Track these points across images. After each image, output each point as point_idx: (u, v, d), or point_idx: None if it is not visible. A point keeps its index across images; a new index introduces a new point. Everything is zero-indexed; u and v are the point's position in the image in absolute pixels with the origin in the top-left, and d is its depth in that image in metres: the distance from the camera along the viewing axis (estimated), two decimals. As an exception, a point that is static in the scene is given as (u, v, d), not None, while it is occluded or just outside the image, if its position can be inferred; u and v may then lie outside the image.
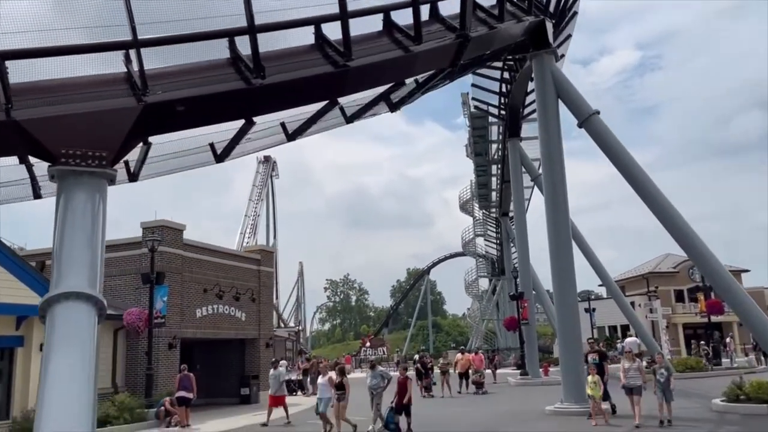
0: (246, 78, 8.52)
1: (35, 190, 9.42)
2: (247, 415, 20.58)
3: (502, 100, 33.33)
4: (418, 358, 30.16)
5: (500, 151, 40.72)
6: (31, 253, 23.74)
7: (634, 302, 45.87)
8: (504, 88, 31.80)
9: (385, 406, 14.50)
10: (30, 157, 8.41)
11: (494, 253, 62.68)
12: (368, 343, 59.82)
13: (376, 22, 10.91)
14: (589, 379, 15.39)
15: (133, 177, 10.03)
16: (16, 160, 8.56)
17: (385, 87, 11.34)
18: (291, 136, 11.08)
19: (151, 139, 9.16)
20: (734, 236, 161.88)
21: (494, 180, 46.73)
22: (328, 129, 12.10)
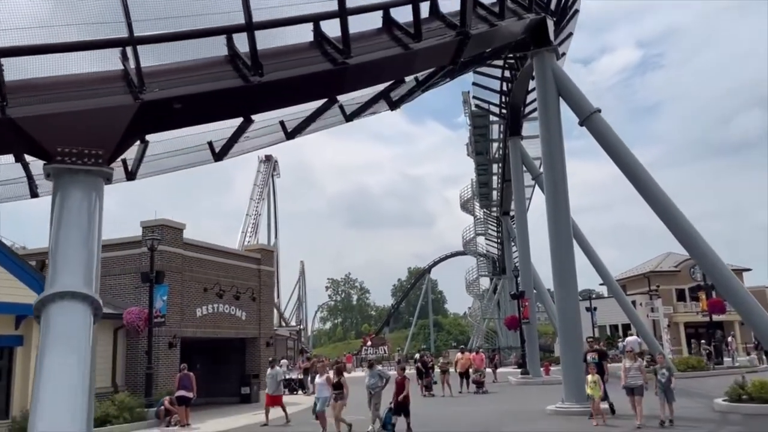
0: (244, 75, 8.46)
1: (32, 189, 9.37)
2: (247, 415, 20.53)
3: (503, 99, 33.24)
4: (418, 357, 30.09)
5: (501, 150, 40.63)
6: (32, 253, 23.70)
7: (635, 301, 45.77)
8: (505, 87, 31.69)
9: (384, 407, 14.43)
10: (26, 156, 8.34)
11: (495, 252, 62.59)
12: (369, 342, 59.68)
13: (376, 20, 10.84)
14: (589, 378, 15.26)
15: (131, 176, 10.00)
16: (12, 159, 8.49)
17: (385, 85, 11.27)
18: (290, 135, 11.05)
19: (148, 137, 9.11)
20: (735, 235, 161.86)
21: (495, 179, 46.66)
22: (328, 127, 12.07)
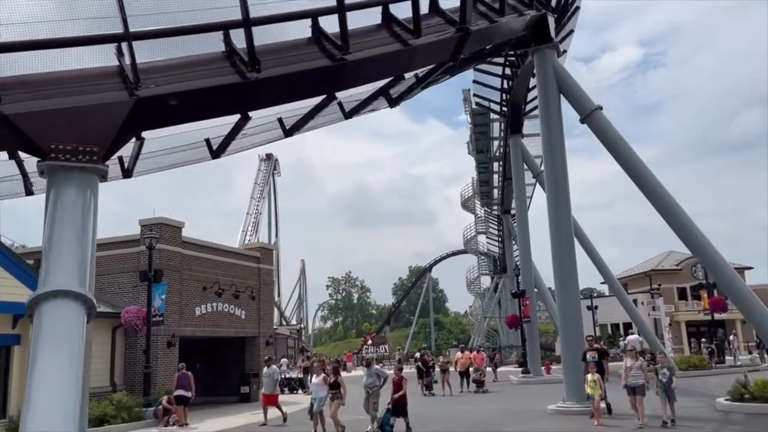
0: (241, 72, 8.34)
1: (27, 187, 9.27)
2: (246, 414, 20.42)
3: (504, 97, 33.10)
4: (419, 356, 29.99)
5: (502, 148, 40.51)
6: (31, 251, 23.60)
7: (636, 300, 45.70)
8: (505, 84, 31.55)
9: (383, 407, 14.31)
10: (20, 153, 8.24)
11: (496, 250, 62.46)
12: (370, 341, 59.66)
13: (375, 16, 10.73)
14: (589, 377, 15.10)
15: (127, 173, 9.88)
16: (6, 156, 8.38)
17: (384, 81, 11.16)
18: (288, 132, 10.92)
19: (144, 134, 8.97)
20: (736, 234, 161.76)
21: (496, 177, 46.57)
22: (327, 125, 11.95)
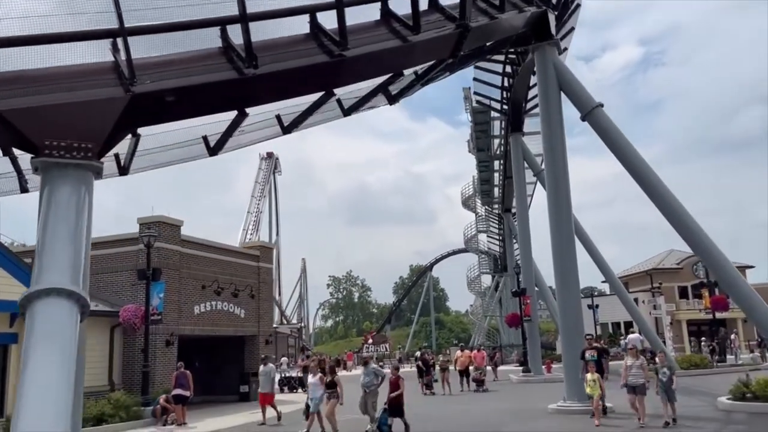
0: (238, 68, 8.25)
1: (22, 184, 9.17)
2: (245, 413, 20.33)
3: (505, 95, 32.97)
4: (419, 354, 29.93)
5: (502, 146, 40.41)
6: (30, 250, 23.48)
7: (637, 299, 45.55)
8: (506, 82, 31.44)
9: (380, 407, 14.19)
10: (14, 150, 8.15)
11: (497, 249, 62.37)
12: (371, 340, 59.55)
13: (374, 12, 10.64)
14: (588, 377, 14.97)
15: (124, 170, 9.76)
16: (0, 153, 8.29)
17: (384, 78, 11.04)
18: (286, 129, 10.82)
19: (141, 131, 8.90)
20: (737, 233, 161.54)
21: (497, 176, 46.48)
22: (325, 122, 11.83)
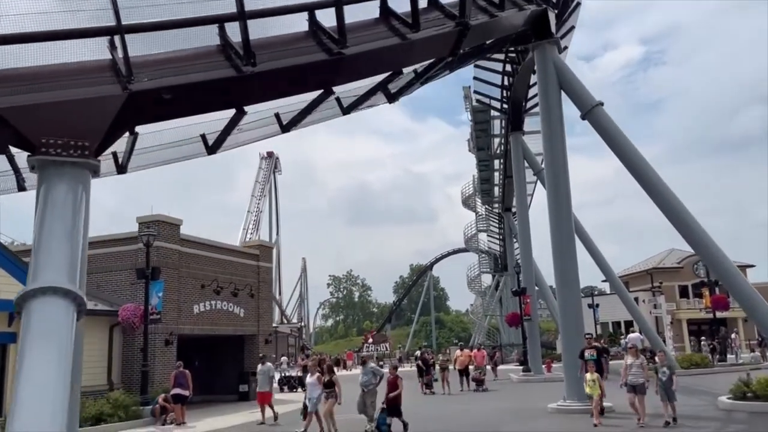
0: (236, 65, 8.20)
1: (19, 182, 9.15)
2: (245, 413, 20.29)
3: (505, 93, 32.90)
4: (419, 354, 29.90)
5: (503, 146, 40.33)
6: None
7: (637, 298, 45.49)
8: (506, 81, 31.37)
9: (378, 406, 14.14)
10: (11, 148, 8.11)
11: (497, 248, 62.28)
12: (371, 339, 59.49)
13: (373, 9, 10.59)
14: (588, 377, 14.88)
15: (122, 169, 9.75)
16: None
17: (383, 76, 11.01)
18: (285, 127, 10.79)
19: (139, 129, 8.86)
20: (737, 232, 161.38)
21: (497, 175, 46.37)
22: (324, 120, 11.79)
